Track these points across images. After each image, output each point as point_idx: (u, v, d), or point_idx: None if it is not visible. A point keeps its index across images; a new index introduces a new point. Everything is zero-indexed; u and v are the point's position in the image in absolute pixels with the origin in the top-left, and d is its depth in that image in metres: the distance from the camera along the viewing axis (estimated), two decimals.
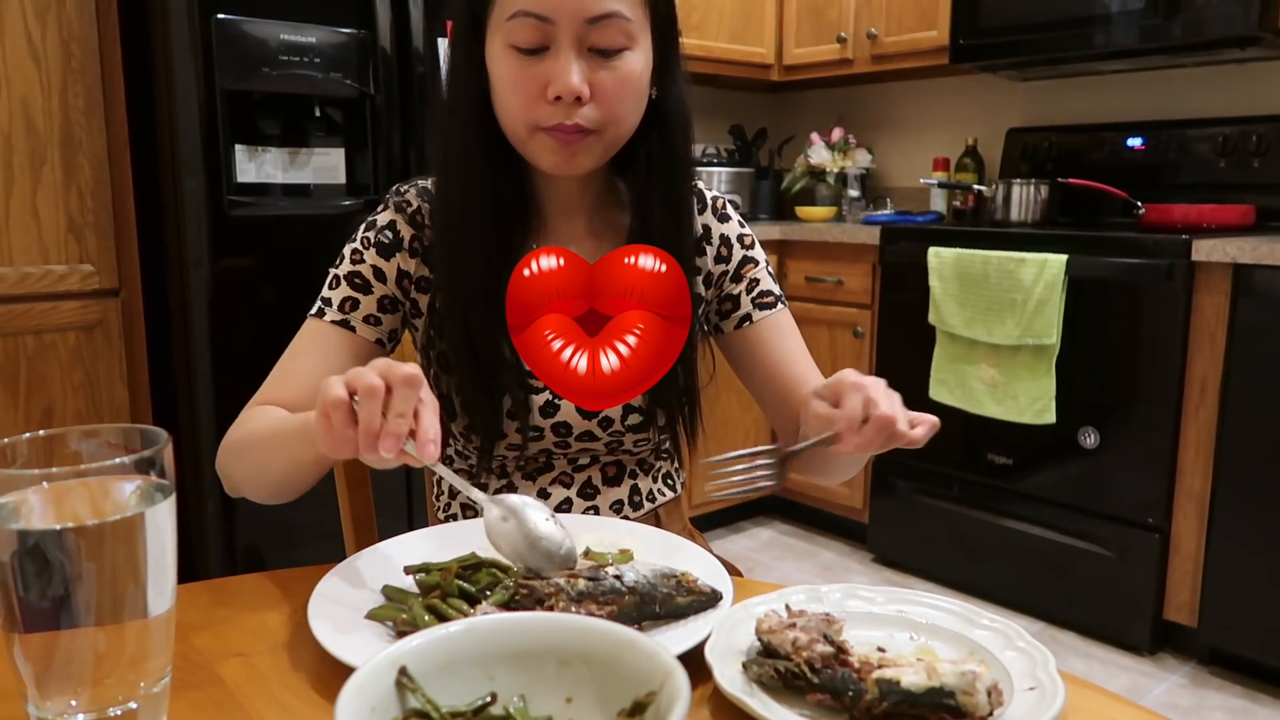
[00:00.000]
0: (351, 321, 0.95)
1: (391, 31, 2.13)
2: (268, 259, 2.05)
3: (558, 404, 0.99)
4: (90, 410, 2.07)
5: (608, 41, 0.87)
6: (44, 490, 0.51)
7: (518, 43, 0.87)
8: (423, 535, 0.84)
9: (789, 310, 1.06)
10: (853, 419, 0.76)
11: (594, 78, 0.87)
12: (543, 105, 0.87)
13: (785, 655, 0.60)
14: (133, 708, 0.53)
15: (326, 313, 0.95)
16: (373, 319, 0.96)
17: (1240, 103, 2.63)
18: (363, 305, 0.96)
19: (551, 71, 0.86)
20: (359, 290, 0.96)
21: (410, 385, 0.67)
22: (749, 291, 1.04)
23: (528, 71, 0.87)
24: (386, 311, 0.97)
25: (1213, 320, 2.12)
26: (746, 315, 1.03)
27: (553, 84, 0.86)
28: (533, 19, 0.85)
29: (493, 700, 0.47)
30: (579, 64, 0.86)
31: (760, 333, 1.03)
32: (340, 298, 0.96)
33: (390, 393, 0.67)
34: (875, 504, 2.84)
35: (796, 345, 1.04)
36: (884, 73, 3.13)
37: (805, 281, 2.93)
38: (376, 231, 0.98)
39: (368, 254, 0.97)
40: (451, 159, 0.94)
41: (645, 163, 0.96)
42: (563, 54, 0.86)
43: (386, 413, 0.67)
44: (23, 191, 1.94)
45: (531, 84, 0.87)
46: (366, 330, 0.96)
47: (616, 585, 0.67)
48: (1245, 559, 2.11)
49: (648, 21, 0.90)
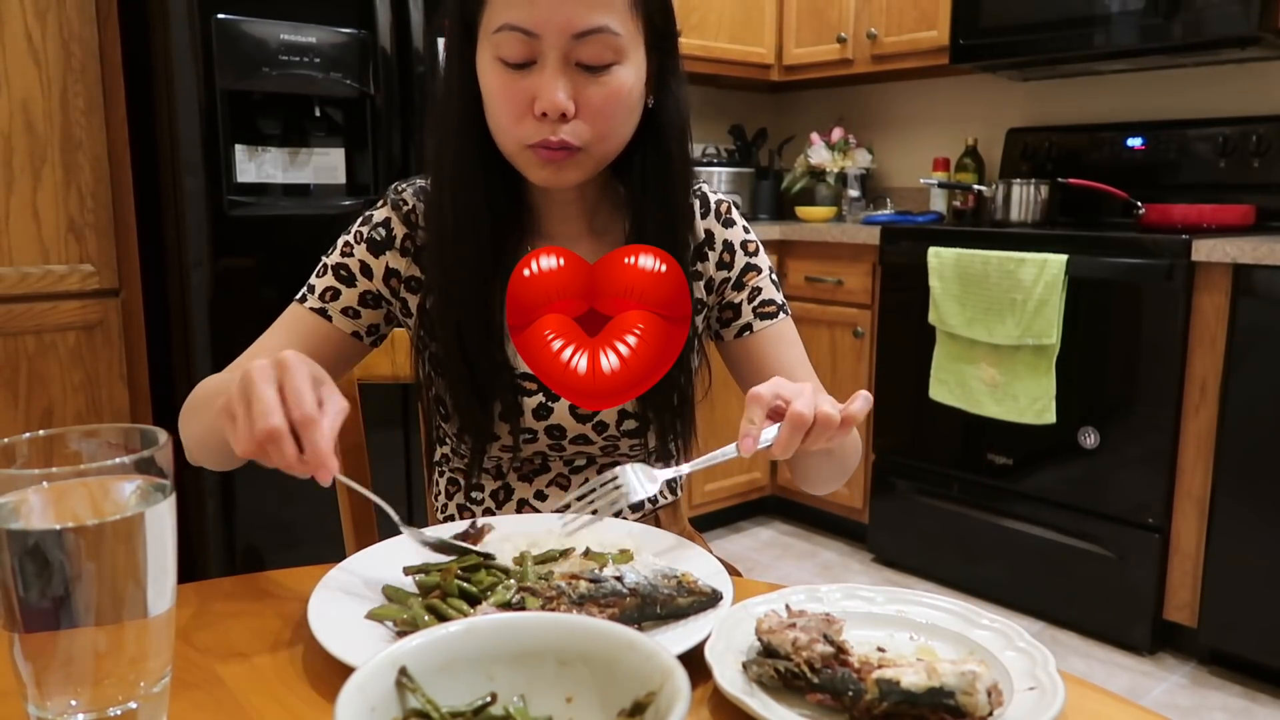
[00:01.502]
0: (329, 311, 0.97)
1: (391, 31, 2.13)
2: (268, 259, 2.05)
3: (551, 406, 0.99)
4: (90, 410, 2.07)
5: (595, 57, 0.85)
6: (44, 490, 0.51)
7: (504, 56, 0.86)
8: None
9: (791, 319, 1.05)
10: (749, 425, 0.76)
11: (581, 93, 0.86)
12: (529, 120, 0.87)
13: (785, 655, 0.60)
14: (133, 708, 0.53)
15: (308, 299, 0.98)
16: (351, 311, 0.97)
17: (1240, 103, 2.63)
18: (343, 297, 0.97)
19: (537, 87, 0.85)
20: (342, 282, 0.97)
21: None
22: (750, 300, 1.03)
23: (514, 86, 0.86)
24: (367, 306, 0.98)
25: (1213, 320, 2.12)
26: (747, 325, 1.03)
27: (538, 100, 0.85)
28: (518, 33, 0.84)
29: (493, 700, 0.47)
30: (565, 80, 0.85)
31: (760, 343, 1.03)
32: (323, 286, 0.98)
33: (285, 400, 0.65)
34: (875, 504, 2.84)
35: (796, 355, 1.03)
36: (884, 73, 3.14)
37: (805, 281, 2.93)
38: (371, 227, 0.99)
39: (358, 249, 0.98)
40: (445, 165, 0.94)
41: (640, 171, 0.95)
42: (548, 70, 0.85)
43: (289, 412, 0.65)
44: (23, 191, 1.94)
45: (518, 98, 0.86)
46: (343, 322, 0.97)
47: (618, 587, 0.67)
48: (1245, 559, 2.11)
49: (640, 34, 0.89)
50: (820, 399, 0.76)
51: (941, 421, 2.59)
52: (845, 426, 0.76)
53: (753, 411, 0.76)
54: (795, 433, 0.74)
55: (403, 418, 2.20)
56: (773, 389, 0.76)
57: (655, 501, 1.07)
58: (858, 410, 0.76)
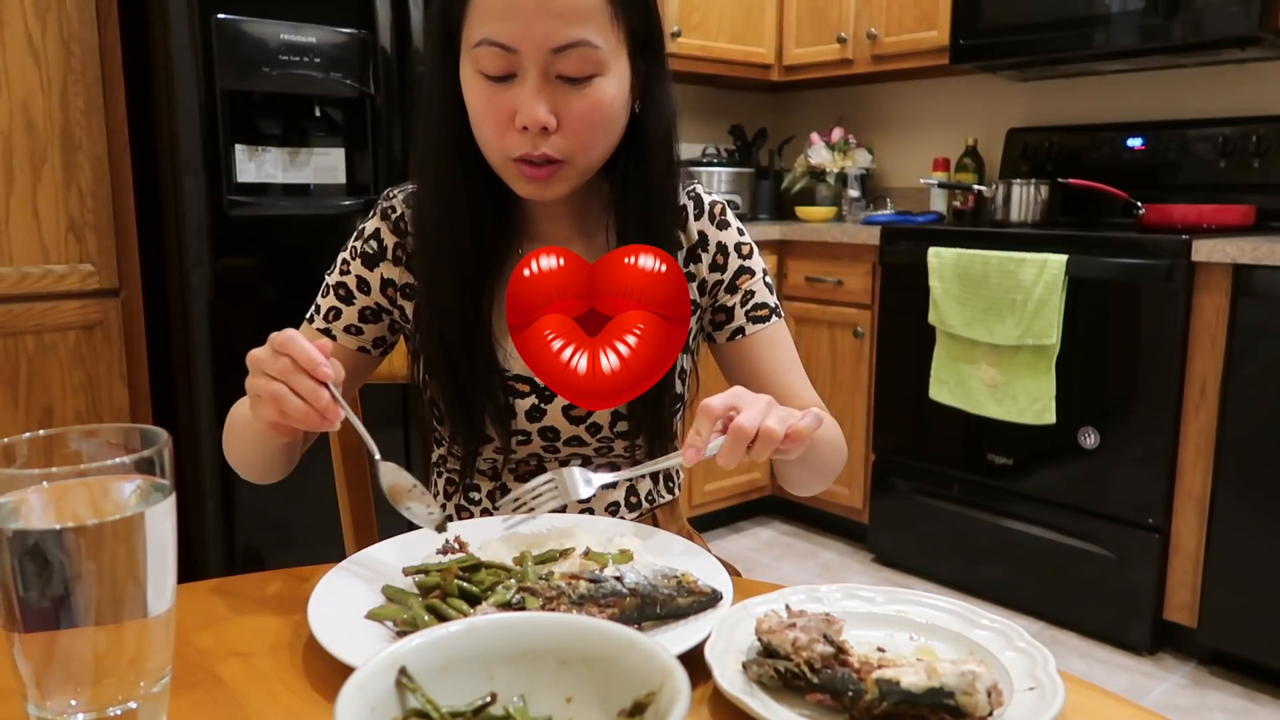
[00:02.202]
0: (333, 330, 1.00)
1: (391, 31, 2.13)
2: (268, 259, 2.05)
3: (545, 408, 0.99)
4: (90, 410, 2.07)
5: (575, 70, 0.85)
6: (44, 490, 0.51)
7: (484, 70, 0.86)
8: (422, 535, 0.84)
9: (784, 322, 1.05)
10: (695, 436, 0.76)
11: (563, 106, 0.86)
12: (512, 133, 0.87)
13: (785, 655, 0.60)
14: (133, 708, 0.53)
15: (315, 319, 1.00)
16: (354, 329, 1.00)
17: (1240, 103, 2.63)
18: (344, 315, 0.99)
19: (518, 100, 0.85)
20: (342, 301, 1.00)
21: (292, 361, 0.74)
22: (743, 304, 1.03)
23: (496, 99, 0.86)
24: (368, 321, 1.00)
25: (1213, 320, 2.12)
26: (739, 328, 1.03)
27: (519, 115, 0.85)
28: (497, 48, 0.84)
29: (493, 700, 0.47)
30: (545, 94, 0.85)
31: (752, 346, 1.03)
32: (327, 307, 1.00)
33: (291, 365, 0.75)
34: (875, 504, 2.84)
35: (788, 358, 1.04)
36: (884, 73, 3.14)
37: (805, 282, 2.93)
38: (363, 241, 1.00)
39: (354, 264, 1.00)
40: (428, 171, 0.94)
41: (624, 174, 0.95)
42: (529, 84, 0.85)
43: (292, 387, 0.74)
44: (23, 191, 1.94)
45: (500, 112, 0.86)
46: (347, 339, 1.00)
47: (618, 587, 0.67)
48: (1245, 559, 2.11)
49: (622, 44, 0.88)
50: (772, 413, 0.76)
51: (941, 422, 2.59)
52: (791, 441, 0.76)
53: (700, 423, 0.76)
54: (737, 445, 0.74)
55: (403, 418, 2.20)
56: (725, 401, 0.76)
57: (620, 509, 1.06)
58: (804, 426, 0.76)
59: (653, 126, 0.94)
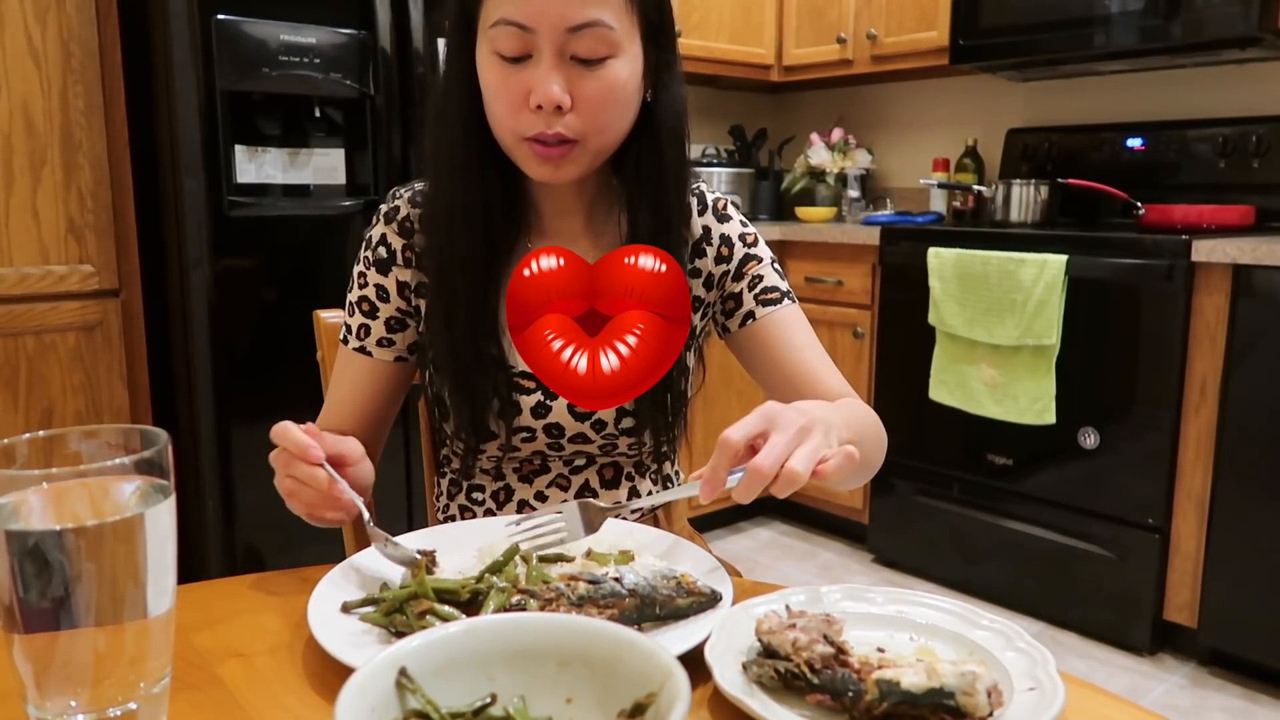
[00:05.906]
0: (368, 347, 1.00)
1: (391, 32, 2.13)
2: (268, 259, 2.04)
3: (550, 405, 0.99)
4: (90, 411, 2.07)
5: (590, 50, 0.86)
6: (44, 491, 0.51)
7: (500, 50, 0.87)
8: (421, 535, 0.84)
9: (798, 306, 1.04)
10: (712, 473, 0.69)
11: (577, 86, 0.87)
12: (526, 114, 0.87)
13: (785, 656, 0.60)
14: (132, 708, 0.53)
15: (349, 340, 1.01)
16: (385, 341, 1.00)
17: (1240, 103, 2.63)
18: (373, 330, 1.00)
19: (533, 80, 0.86)
20: (368, 316, 1.00)
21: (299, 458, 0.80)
22: (751, 289, 1.03)
23: (511, 79, 0.87)
24: (395, 331, 1.00)
25: (1213, 321, 2.12)
26: (750, 312, 1.02)
27: (533, 93, 0.86)
28: (514, 27, 0.85)
29: (493, 701, 0.47)
30: (560, 73, 0.86)
31: (765, 328, 1.02)
32: (356, 325, 1.01)
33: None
34: (875, 504, 2.84)
35: (805, 338, 1.02)
36: (884, 73, 3.13)
37: (805, 282, 2.93)
38: (372, 250, 1.00)
39: (369, 274, 1.00)
40: (442, 161, 0.95)
41: (635, 166, 0.96)
42: (544, 63, 0.86)
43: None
44: (23, 192, 1.94)
45: (514, 92, 0.87)
46: (382, 353, 1.00)
47: (617, 588, 0.67)
48: (1245, 559, 2.11)
49: (636, 28, 0.89)
50: (803, 446, 0.69)
51: (941, 422, 2.59)
52: (820, 477, 0.70)
53: (719, 458, 0.69)
54: (754, 485, 0.68)
55: (403, 418, 2.19)
56: (748, 430, 0.69)
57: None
58: (831, 469, 0.70)
59: (664, 115, 0.95)
